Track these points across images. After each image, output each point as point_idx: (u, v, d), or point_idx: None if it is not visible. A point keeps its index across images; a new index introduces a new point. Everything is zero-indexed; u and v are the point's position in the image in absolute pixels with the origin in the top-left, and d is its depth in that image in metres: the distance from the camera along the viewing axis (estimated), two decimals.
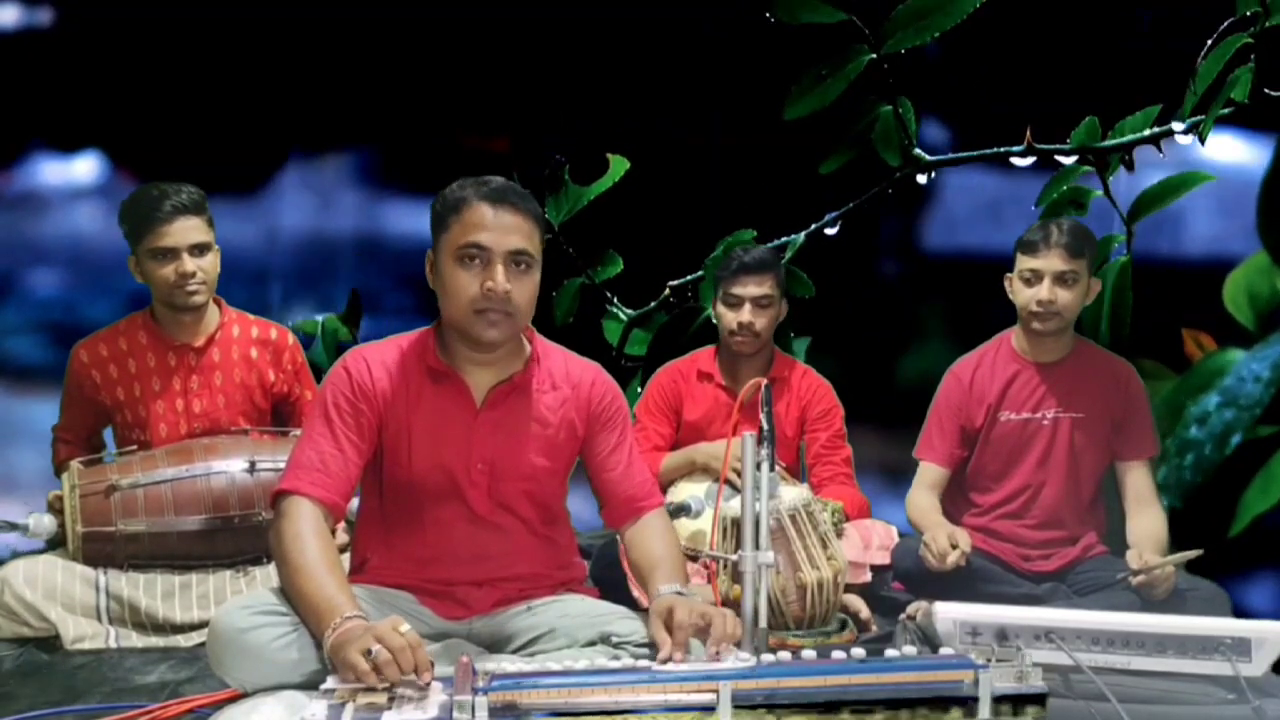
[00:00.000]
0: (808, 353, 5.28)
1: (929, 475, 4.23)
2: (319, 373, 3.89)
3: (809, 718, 2.49)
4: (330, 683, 2.56)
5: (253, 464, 3.93)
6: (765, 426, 3.14)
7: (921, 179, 4.98)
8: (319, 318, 5.35)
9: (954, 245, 5.35)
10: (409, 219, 5.44)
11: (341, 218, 5.69)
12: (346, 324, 5.33)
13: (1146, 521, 4.01)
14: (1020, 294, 4.05)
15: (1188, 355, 4.67)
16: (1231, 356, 4.55)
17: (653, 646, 2.84)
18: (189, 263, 3.94)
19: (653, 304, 5.30)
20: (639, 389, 5.17)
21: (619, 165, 5.16)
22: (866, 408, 5.11)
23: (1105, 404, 4.11)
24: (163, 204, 3.92)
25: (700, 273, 5.14)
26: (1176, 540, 3.96)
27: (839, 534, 4.02)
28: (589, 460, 3.25)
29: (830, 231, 5.16)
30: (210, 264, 4.02)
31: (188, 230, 3.94)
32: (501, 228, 2.95)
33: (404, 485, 3.07)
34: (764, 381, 3.28)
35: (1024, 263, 4.03)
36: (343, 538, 3.76)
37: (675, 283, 5.25)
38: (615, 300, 5.33)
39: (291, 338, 4.28)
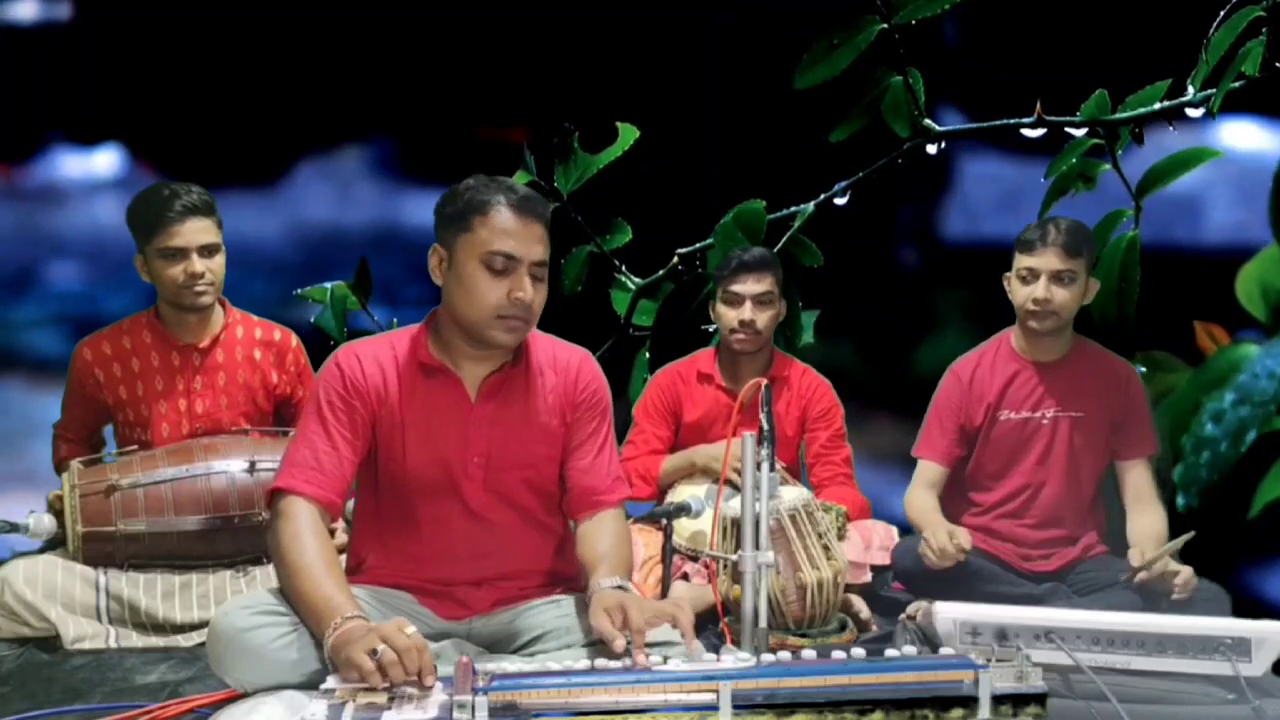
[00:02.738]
0: (816, 328, 5.25)
1: (928, 474, 4.22)
2: (323, 345, 3.88)
3: (809, 718, 2.49)
4: (330, 683, 2.57)
5: (253, 464, 3.94)
6: (765, 426, 3.13)
7: (931, 149, 4.95)
8: (327, 285, 5.32)
9: (971, 234, 5.34)
10: (427, 210, 5.45)
11: (359, 209, 5.71)
12: (355, 292, 5.30)
13: (1147, 520, 4.02)
14: (1017, 293, 4.05)
15: (1200, 348, 4.65)
16: (1245, 351, 4.53)
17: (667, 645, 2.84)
18: (198, 263, 3.96)
19: (661, 272, 5.27)
20: (647, 356, 5.16)
21: (628, 134, 5.11)
22: (883, 398, 5.12)
23: (1105, 403, 4.11)
24: (174, 204, 3.94)
25: (710, 240, 5.11)
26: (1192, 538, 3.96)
27: (841, 538, 4.02)
28: (563, 446, 3.23)
29: (840, 201, 5.12)
30: (218, 265, 4.03)
31: (198, 231, 3.96)
32: (530, 238, 2.97)
33: (399, 482, 3.07)
34: (764, 382, 3.27)
35: (1021, 261, 4.03)
36: (342, 538, 3.75)
37: (684, 250, 5.21)
38: (623, 269, 5.32)
39: (295, 340, 4.29)
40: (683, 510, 3.85)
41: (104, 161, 5.48)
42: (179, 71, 5.24)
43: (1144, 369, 4.59)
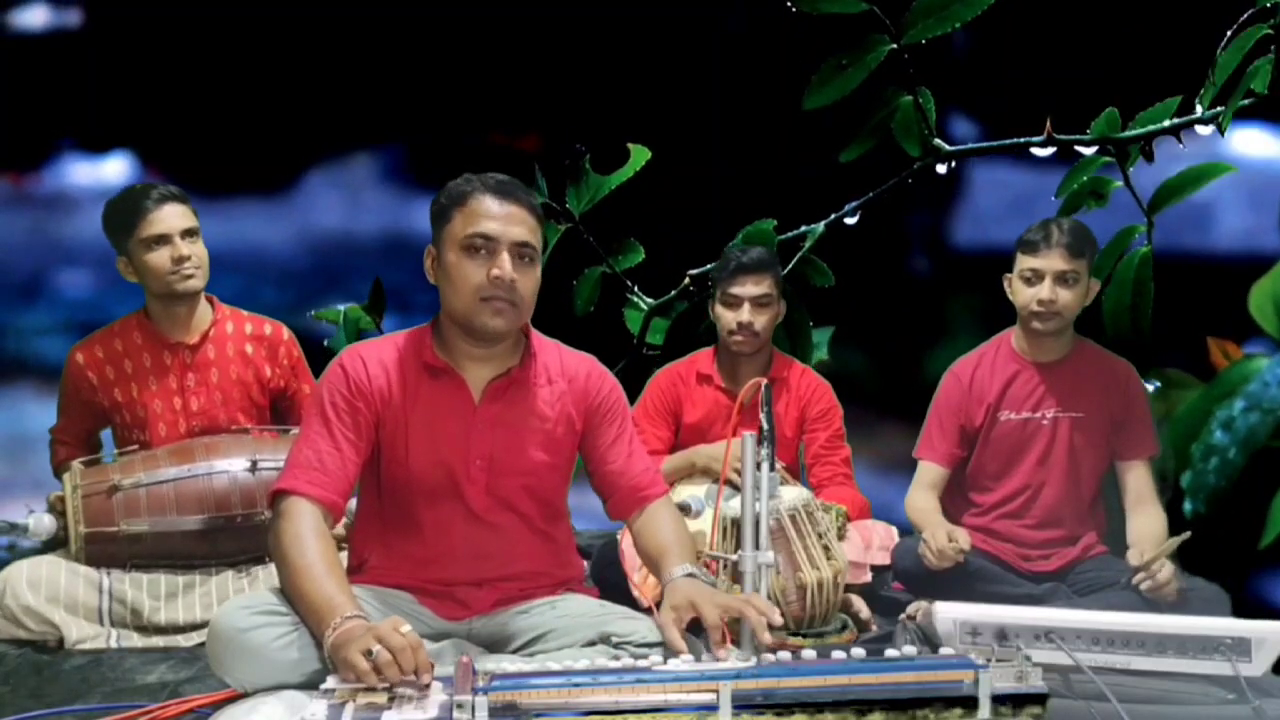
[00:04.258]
0: (830, 343, 5.26)
1: (928, 475, 4.24)
2: None
3: (809, 718, 2.49)
4: (330, 682, 2.56)
5: (254, 463, 3.95)
6: (765, 426, 3.14)
7: (941, 169, 4.95)
8: (341, 307, 5.34)
9: (981, 240, 5.34)
10: None
11: (370, 216, 5.72)
12: (370, 313, 5.32)
13: (1146, 521, 4.03)
14: (1020, 294, 4.06)
15: (1214, 364, 4.64)
16: (1257, 364, 4.53)
17: (664, 645, 2.87)
18: (183, 246, 4.00)
19: (673, 293, 5.29)
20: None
21: (640, 155, 5.14)
22: (895, 404, 5.12)
23: (1105, 404, 4.12)
24: (150, 193, 4.02)
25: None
26: (1198, 544, 3.94)
27: (841, 538, 4.02)
28: (589, 454, 3.25)
29: (850, 221, 5.13)
30: (201, 250, 4.07)
31: (177, 215, 4.02)
32: (507, 218, 2.98)
33: (402, 483, 3.07)
34: (764, 382, 3.28)
35: (1024, 262, 4.05)
36: (341, 532, 3.76)
37: (695, 271, 5.22)
38: (636, 289, 5.32)
39: (287, 333, 4.31)
40: (683, 510, 3.83)
41: (114, 169, 5.50)
42: (189, 79, 5.27)
43: (1158, 385, 4.58)
